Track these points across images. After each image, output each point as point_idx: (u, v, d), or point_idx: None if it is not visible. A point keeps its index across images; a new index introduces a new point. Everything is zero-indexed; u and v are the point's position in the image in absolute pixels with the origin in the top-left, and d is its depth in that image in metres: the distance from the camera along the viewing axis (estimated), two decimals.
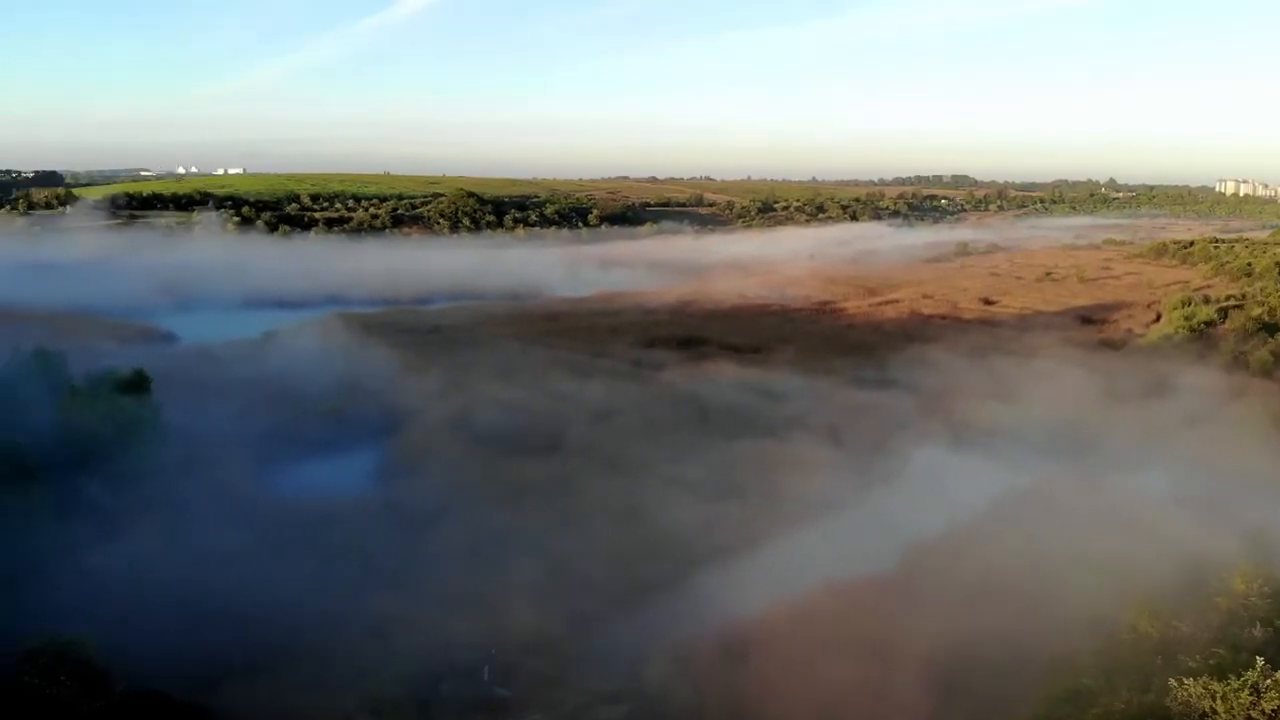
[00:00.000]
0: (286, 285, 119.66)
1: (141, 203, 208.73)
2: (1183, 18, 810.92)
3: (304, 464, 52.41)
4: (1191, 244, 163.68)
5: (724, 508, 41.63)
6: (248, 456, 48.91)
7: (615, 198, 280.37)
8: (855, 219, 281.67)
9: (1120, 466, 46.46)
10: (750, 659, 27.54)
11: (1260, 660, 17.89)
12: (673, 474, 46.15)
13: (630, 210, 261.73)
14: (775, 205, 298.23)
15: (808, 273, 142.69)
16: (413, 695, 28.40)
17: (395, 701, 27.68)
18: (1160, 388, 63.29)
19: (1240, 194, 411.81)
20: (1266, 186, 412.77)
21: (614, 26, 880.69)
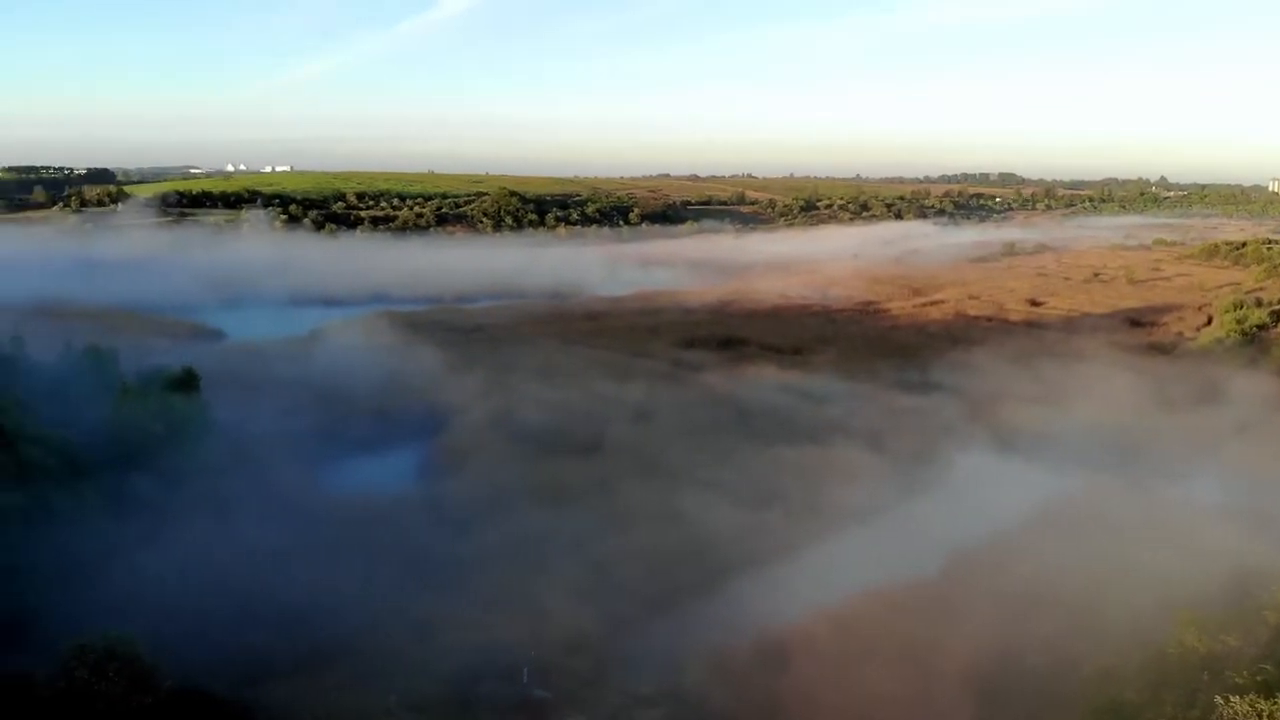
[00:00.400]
0: (332, 283, 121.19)
1: (191, 201, 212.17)
2: (1237, 14, 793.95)
3: (349, 462, 53.22)
4: (1244, 245, 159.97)
5: (763, 513, 41.55)
6: (294, 454, 49.66)
7: (656, 196, 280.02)
8: (900, 218, 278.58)
9: (1168, 475, 45.72)
10: (789, 666, 27.46)
11: None
12: (712, 478, 46.14)
13: (671, 209, 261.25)
14: (818, 203, 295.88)
15: (851, 272, 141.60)
16: (453, 694, 28.64)
17: (436, 700, 27.95)
18: (1210, 394, 62.11)
19: None
20: None
21: (655, 23, 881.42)
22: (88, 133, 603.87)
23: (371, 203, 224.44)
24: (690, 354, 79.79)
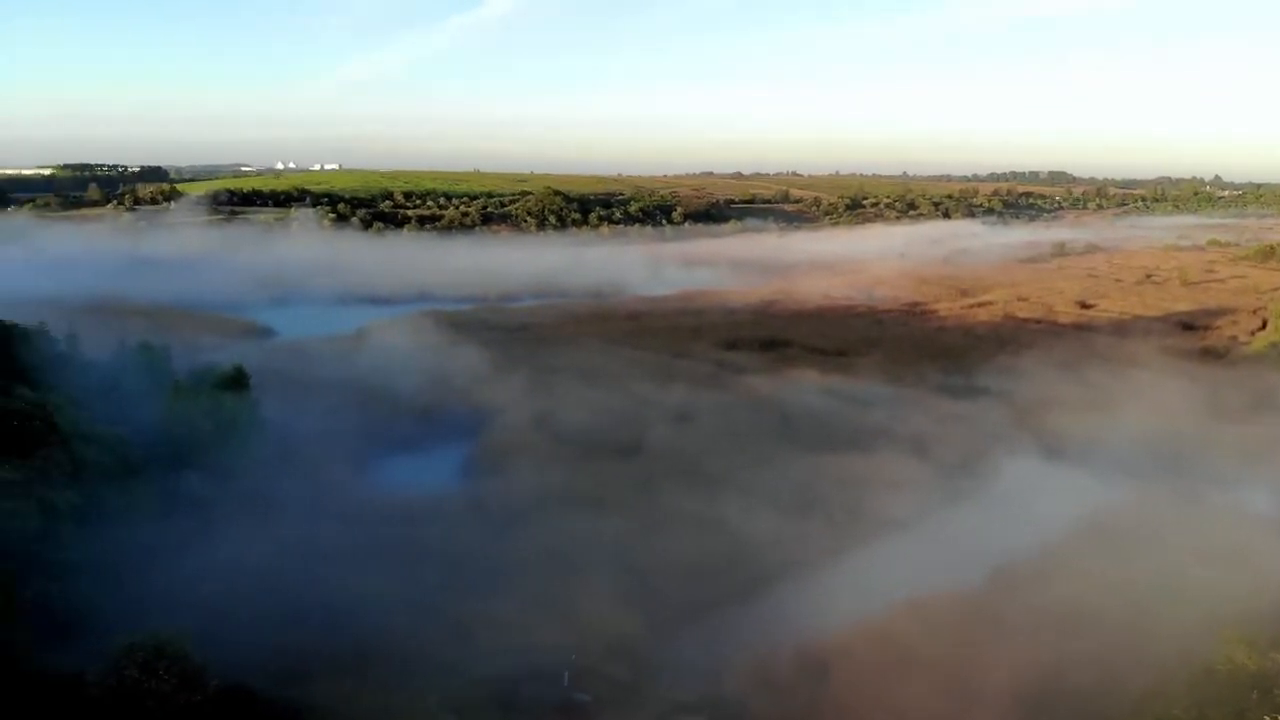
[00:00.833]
0: (379, 282, 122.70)
1: (242, 199, 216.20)
2: None
3: (393, 461, 53.86)
4: None
5: (804, 520, 41.23)
6: (339, 453, 50.40)
7: (699, 195, 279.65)
8: (948, 216, 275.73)
9: (1219, 485, 44.73)
10: (830, 677, 27.28)
11: None
12: (753, 483, 45.88)
13: (714, 207, 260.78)
14: (864, 201, 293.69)
15: (897, 272, 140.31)
16: (494, 696, 28.80)
17: (477, 702, 28.12)
18: (1264, 401, 60.69)
19: None
20: None
21: (700, 20, 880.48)
22: (142, 131, 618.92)
23: (418, 202, 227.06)
24: (733, 355, 79.58)
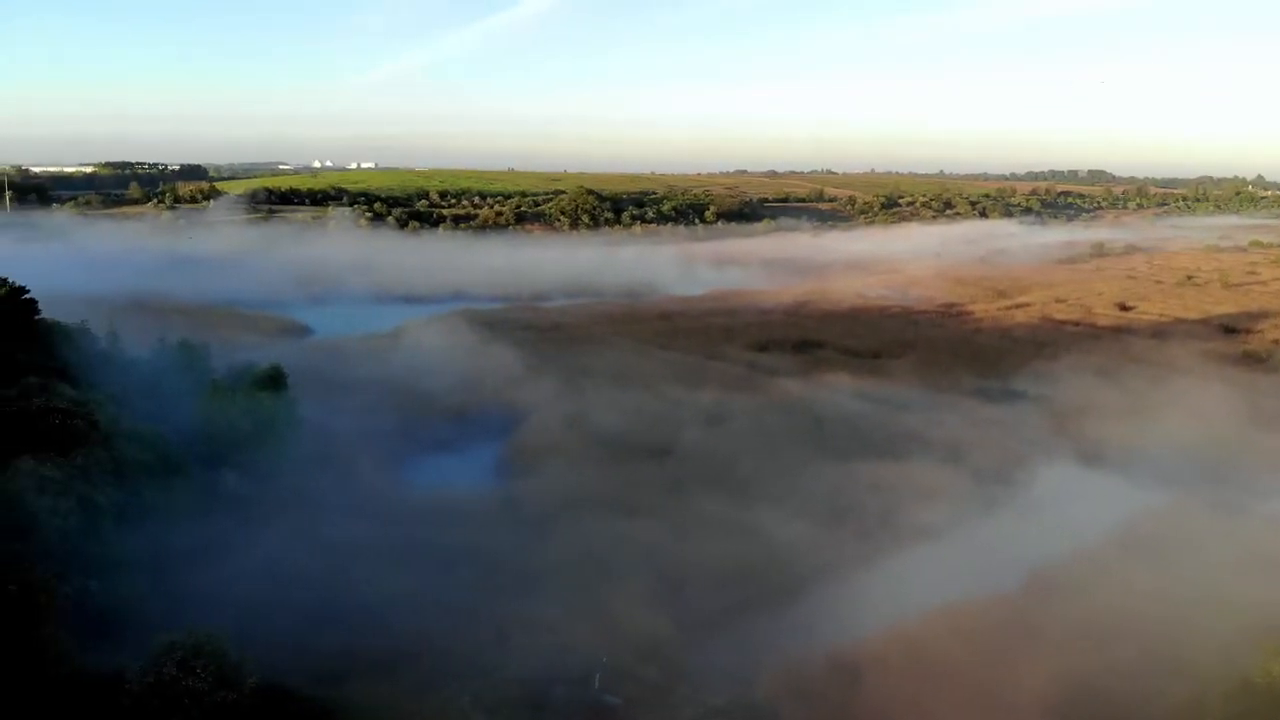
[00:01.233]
0: (414, 281, 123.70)
1: (280, 198, 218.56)
2: None
3: (427, 460, 54.41)
4: None
5: (837, 527, 41.01)
6: (374, 452, 50.92)
7: (733, 193, 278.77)
8: (985, 216, 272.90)
9: (1260, 494, 43.82)
10: (862, 685, 27.15)
11: None
12: (785, 488, 45.70)
13: (747, 206, 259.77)
14: (899, 200, 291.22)
15: (933, 273, 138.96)
16: (526, 697, 28.95)
17: (510, 703, 28.30)
18: None
19: None
20: None
21: (734, 18, 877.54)
22: (182, 129, 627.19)
23: (453, 201, 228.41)
24: (765, 357, 79.36)
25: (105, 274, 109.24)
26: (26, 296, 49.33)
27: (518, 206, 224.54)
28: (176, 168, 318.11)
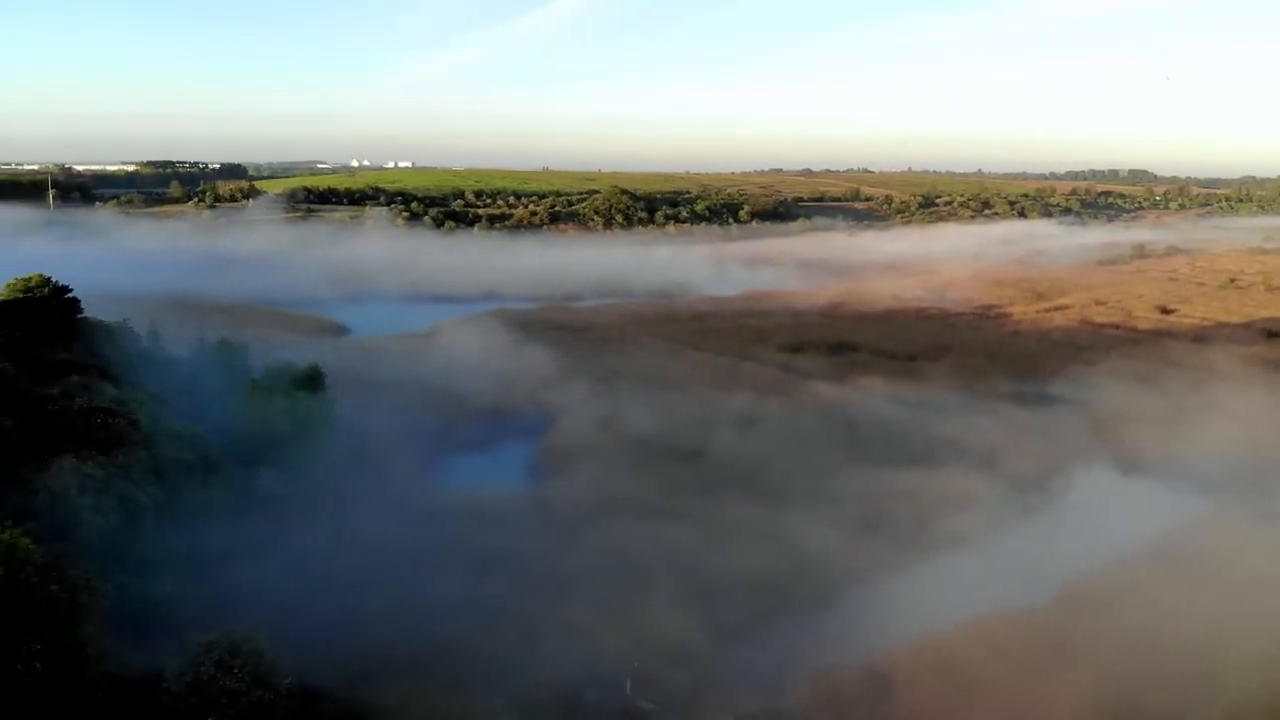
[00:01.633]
0: (449, 281, 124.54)
1: (318, 197, 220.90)
2: None
3: (460, 460, 54.74)
4: None
5: (870, 536, 40.61)
6: (408, 452, 51.32)
7: (767, 192, 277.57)
8: (1023, 216, 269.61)
9: None
10: (894, 696, 26.90)
11: None
12: (818, 494, 45.34)
13: (782, 206, 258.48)
14: (937, 200, 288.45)
15: (970, 274, 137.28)
16: (558, 700, 29.02)
17: (542, 706, 28.38)
18: None
19: None
20: None
21: (767, 17, 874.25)
22: (222, 128, 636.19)
23: (488, 201, 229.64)
24: (798, 359, 78.80)
25: (146, 272, 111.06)
26: (69, 296, 50.24)
27: (552, 206, 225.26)
28: (217, 166, 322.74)
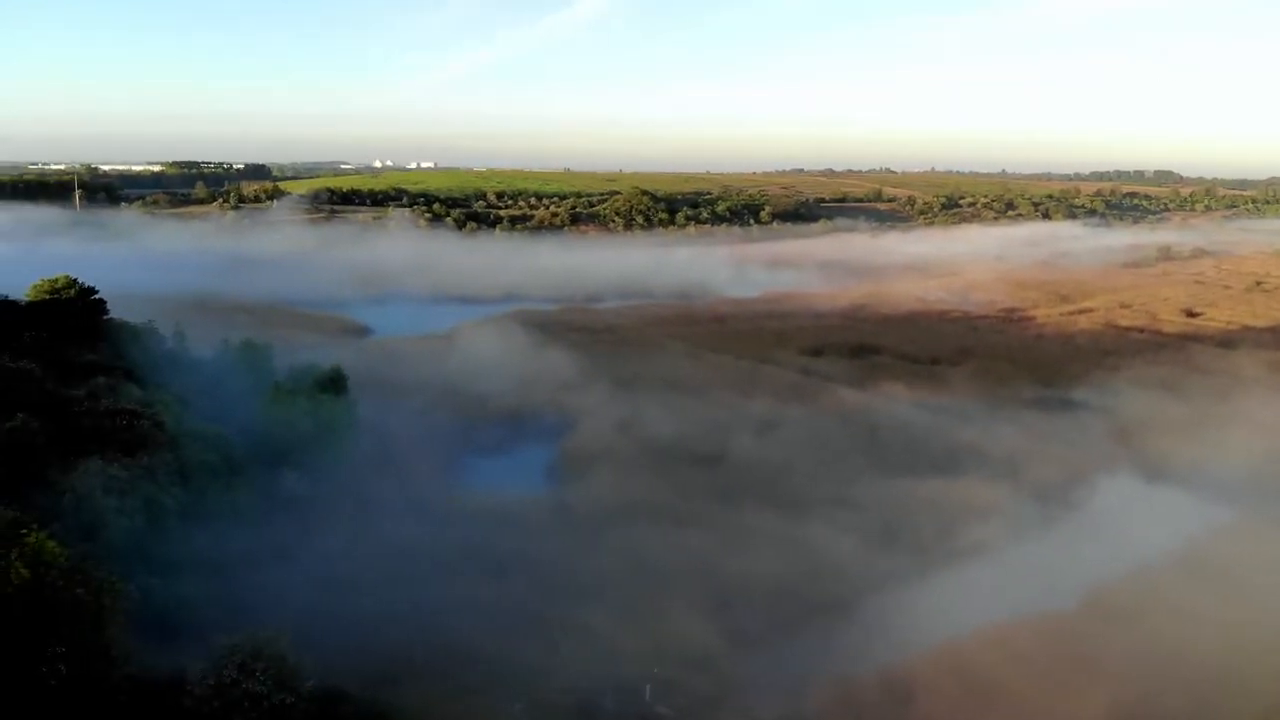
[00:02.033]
0: (470, 282, 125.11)
1: (341, 198, 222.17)
2: None
3: (480, 462, 54.91)
4: None
5: (890, 543, 40.44)
6: (430, 454, 51.56)
7: (789, 193, 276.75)
8: (1048, 217, 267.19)
9: None
10: (913, 704, 26.78)
11: None
12: (838, 500, 45.20)
13: (803, 206, 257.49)
14: (960, 201, 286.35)
15: (994, 276, 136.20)
16: (577, 705, 29.08)
17: (561, 710, 28.46)
18: None
19: None
20: None
21: (791, 16, 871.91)
22: (246, 129, 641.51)
23: (510, 202, 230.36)
24: (819, 362, 78.49)
25: (171, 273, 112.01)
26: (95, 297, 50.74)
27: (573, 207, 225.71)
28: (241, 167, 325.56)
